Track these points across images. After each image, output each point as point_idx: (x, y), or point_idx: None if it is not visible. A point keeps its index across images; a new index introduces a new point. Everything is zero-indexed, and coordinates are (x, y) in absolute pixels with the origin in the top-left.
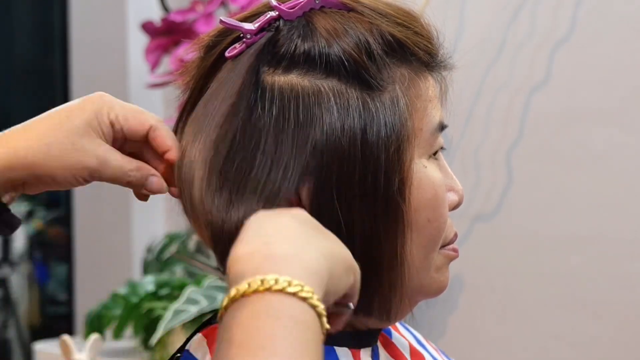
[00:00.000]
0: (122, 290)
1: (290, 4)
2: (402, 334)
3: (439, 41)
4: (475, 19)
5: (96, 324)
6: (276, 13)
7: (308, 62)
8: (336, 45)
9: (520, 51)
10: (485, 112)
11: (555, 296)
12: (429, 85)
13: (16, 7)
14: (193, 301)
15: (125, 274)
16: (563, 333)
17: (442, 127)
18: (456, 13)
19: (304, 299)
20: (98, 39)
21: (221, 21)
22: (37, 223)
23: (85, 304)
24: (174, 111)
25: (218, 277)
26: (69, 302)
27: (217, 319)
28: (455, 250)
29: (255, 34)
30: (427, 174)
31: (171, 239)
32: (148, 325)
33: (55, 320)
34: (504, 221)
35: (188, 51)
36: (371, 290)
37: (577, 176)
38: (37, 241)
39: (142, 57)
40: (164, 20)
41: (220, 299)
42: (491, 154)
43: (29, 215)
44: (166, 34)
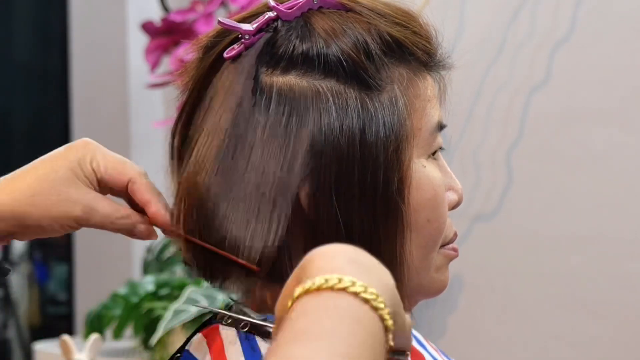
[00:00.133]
0: (122, 290)
1: (288, 5)
2: None
3: (438, 41)
4: (475, 19)
5: (96, 324)
6: (274, 14)
7: (306, 63)
8: (334, 45)
9: (520, 51)
10: (485, 112)
11: (555, 296)
12: (428, 84)
13: (16, 7)
14: (193, 301)
15: (125, 274)
16: (563, 333)
17: (441, 127)
18: (456, 13)
19: (375, 309)
20: (98, 39)
21: (219, 22)
22: None
23: (85, 304)
24: (174, 111)
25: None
26: (69, 302)
27: (276, 308)
28: (455, 249)
29: (253, 35)
30: (426, 174)
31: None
32: (148, 325)
33: (55, 320)
34: (504, 221)
35: (188, 51)
36: None
37: (577, 176)
38: (37, 241)
39: (142, 57)
40: (164, 20)
41: (220, 299)
42: (491, 154)
43: None
44: (166, 34)
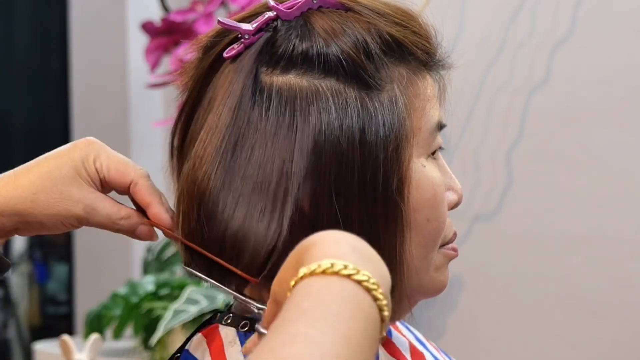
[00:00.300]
0: (122, 290)
1: (288, 4)
2: (403, 333)
3: (437, 40)
4: (475, 19)
5: (96, 324)
6: (274, 13)
7: (306, 62)
8: (334, 45)
9: (520, 51)
10: (485, 112)
11: (555, 296)
12: (428, 84)
13: (16, 7)
14: (193, 301)
15: (125, 274)
16: (563, 333)
17: (441, 127)
18: (456, 13)
19: (375, 299)
20: (98, 39)
21: (219, 22)
22: None
23: (85, 304)
24: (174, 111)
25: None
26: (69, 302)
27: (273, 285)
28: (454, 249)
29: (253, 35)
30: (426, 174)
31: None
32: (148, 325)
33: (55, 320)
34: (504, 221)
35: (188, 51)
36: None
37: (577, 176)
38: (37, 241)
39: (142, 57)
40: (164, 20)
41: (220, 299)
42: (491, 154)
43: None
44: (166, 34)
